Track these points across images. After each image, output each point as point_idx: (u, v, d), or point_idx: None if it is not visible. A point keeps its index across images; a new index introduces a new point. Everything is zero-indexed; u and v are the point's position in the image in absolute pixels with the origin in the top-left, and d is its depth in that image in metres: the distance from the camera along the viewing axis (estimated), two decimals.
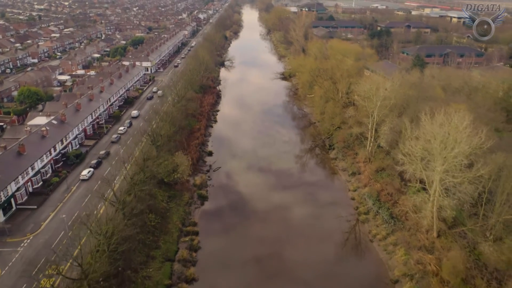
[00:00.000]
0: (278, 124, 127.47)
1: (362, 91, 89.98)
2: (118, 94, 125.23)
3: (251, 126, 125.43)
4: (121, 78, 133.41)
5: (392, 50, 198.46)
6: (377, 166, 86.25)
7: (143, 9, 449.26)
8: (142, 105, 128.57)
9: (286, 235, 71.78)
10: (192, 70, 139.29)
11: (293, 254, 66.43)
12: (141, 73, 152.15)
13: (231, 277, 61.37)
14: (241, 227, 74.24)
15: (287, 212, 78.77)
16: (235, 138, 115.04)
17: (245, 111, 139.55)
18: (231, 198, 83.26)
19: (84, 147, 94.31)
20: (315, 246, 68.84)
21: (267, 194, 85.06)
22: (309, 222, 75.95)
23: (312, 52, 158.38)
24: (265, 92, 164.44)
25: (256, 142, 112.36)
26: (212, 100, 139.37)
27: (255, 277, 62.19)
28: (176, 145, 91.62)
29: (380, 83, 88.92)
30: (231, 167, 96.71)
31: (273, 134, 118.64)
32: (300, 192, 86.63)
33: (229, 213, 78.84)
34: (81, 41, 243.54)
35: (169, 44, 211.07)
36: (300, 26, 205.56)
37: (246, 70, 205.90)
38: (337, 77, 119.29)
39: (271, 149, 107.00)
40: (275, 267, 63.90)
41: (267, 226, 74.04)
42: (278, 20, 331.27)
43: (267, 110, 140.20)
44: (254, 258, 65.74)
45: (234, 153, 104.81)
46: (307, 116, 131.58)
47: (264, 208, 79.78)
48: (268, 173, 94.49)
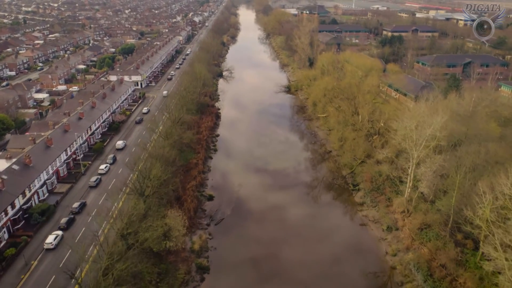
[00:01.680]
0: (286, 153, 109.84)
1: (399, 127, 72.44)
2: (101, 119, 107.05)
3: (257, 155, 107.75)
4: (105, 99, 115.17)
5: (406, 59, 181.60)
6: (420, 221, 68.89)
7: (135, 11, 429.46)
8: (129, 131, 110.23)
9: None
10: (187, 88, 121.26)
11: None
12: (129, 90, 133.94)
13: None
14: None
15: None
16: (238, 173, 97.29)
17: (248, 135, 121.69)
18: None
19: (55, 196, 76.08)
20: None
21: (282, 248, 67.64)
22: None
23: (321, 64, 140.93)
24: (269, 109, 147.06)
25: (262, 178, 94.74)
26: (211, 123, 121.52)
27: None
28: (168, 192, 73.81)
29: (420, 114, 71.45)
30: (237, 217, 79.12)
31: (284, 168, 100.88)
32: (324, 256, 69.12)
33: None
34: (66, 48, 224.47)
35: (162, 53, 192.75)
36: (305, 33, 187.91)
37: (247, 81, 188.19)
38: (358, 100, 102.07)
39: (284, 191, 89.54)
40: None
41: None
42: (278, 23, 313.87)
43: (273, 134, 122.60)
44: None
45: (238, 194, 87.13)
46: (321, 141, 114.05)
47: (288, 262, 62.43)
48: (283, 224, 77.02)
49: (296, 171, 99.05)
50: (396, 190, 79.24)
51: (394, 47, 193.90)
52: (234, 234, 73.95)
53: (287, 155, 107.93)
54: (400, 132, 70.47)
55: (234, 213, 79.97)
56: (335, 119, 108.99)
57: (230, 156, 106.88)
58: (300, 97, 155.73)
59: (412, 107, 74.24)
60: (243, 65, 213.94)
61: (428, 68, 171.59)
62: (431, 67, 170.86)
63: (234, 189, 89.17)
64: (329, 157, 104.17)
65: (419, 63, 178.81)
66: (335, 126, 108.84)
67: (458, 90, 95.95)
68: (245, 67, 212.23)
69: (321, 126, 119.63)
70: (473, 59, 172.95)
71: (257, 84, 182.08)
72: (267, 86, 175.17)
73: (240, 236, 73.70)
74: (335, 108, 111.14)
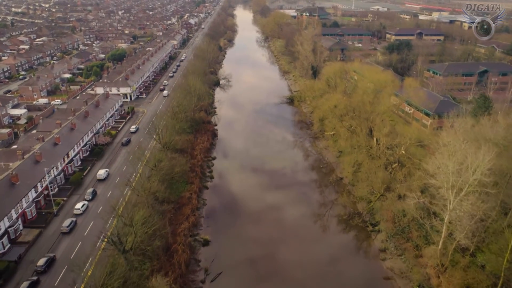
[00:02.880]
0: (291, 177, 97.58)
1: (433, 168, 60.05)
2: (81, 143, 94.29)
3: (257, 180, 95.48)
4: (87, 119, 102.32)
5: (415, 67, 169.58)
6: (460, 280, 56.76)
7: (129, 12, 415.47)
8: (114, 156, 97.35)
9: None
10: (180, 104, 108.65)
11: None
12: (116, 105, 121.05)
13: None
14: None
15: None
16: (238, 202, 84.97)
17: (248, 157, 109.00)
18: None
19: (18, 248, 63.28)
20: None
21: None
22: None
23: (327, 75, 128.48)
24: (270, 123, 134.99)
25: (263, 209, 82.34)
26: (207, 144, 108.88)
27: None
28: (154, 245, 61.17)
29: (461, 153, 59.07)
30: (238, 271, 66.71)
31: (287, 196, 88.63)
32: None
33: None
34: (53, 54, 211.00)
35: (154, 60, 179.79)
36: (307, 39, 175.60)
37: (245, 90, 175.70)
38: (373, 121, 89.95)
39: (284, 222, 77.19)
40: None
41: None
42: (277, 26, 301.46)
43: (276, 153, 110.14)
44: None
45: (238, 234, 74.74)
46: (330, 165, 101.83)
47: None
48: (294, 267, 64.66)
49: (302, 200, 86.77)
50: (426, 235, 67.07)
51: (402, 53, 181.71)
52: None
53: (288, 178, 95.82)
54: (438, 177, 57.99)
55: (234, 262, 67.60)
56: (347, 141, 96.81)
57: (227, 183, 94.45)
58: (303, 110, 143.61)
59: (445, 140, 62.11)
60: (241, 71, 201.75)
61: (441, 77, 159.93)
62: (444, 76, 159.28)
63: (233, 227, 76.72)
64: (341, 186, 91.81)
65: (430, 71, 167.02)
66: (346, 149, 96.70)
67: (489, 112, 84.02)
68: (243, 74, 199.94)
69: (330, 147, 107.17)
70: (489, 67, 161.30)
71: (256, 93, 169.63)
72: (267, 95, 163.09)
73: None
74: (346, 128, 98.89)
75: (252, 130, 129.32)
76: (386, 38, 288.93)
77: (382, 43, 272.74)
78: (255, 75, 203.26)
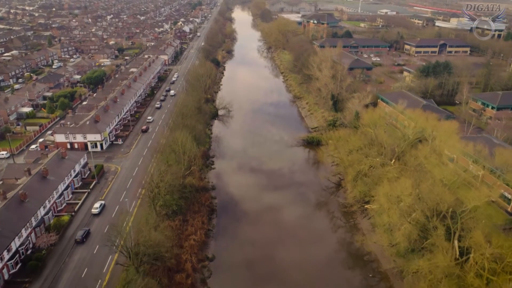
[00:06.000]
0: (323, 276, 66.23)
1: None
2: (6, 256, 61.09)
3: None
4: (24, 204, 68.90)
5: (460, 96, 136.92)
6: None
7: (118, 17, 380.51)
8: (59, 273, 63.86)
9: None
10: (163, 175, 75.42)
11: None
12: (76, 168, 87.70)
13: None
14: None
15: None
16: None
17: (261, 249, 76.33)
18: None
19: None
20: None
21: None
22: None
23: (367, 127, 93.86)
24: (284, 177, 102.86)
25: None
26: (202, 231, 75.71)
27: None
28: None
29: None
30: None
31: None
32: None
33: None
34: (19, 74, 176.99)
35: (138, 87, 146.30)
36: (326, 60, 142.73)
37: (250, 123, 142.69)
38: (458, 225, 57.29)
39: None
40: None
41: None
42: (282, 35, 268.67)
43: (293, 231, 77.51)
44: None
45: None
46: (369, 254, 69.42)
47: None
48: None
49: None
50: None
51: (440, 77, 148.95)
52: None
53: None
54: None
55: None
56: (409, 238, 64.10)
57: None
58: (324, 154, 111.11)
59: None
60: (242, 95, 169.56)
61: (494, 111, 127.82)
62: (497, 110, 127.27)
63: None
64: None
65: (477, 102, 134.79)
66: (410, 255, 64.02)
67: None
68: (245, 98, 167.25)
69: (380, 240, 73.56)
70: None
71: (266, 131, 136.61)
72: (281, 134, 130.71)
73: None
74: (409, 222, 65.97)
75: (263, 192, 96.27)
76: (405, 49, 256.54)
77: (402, 56, 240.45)
78: (259, 100, 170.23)
